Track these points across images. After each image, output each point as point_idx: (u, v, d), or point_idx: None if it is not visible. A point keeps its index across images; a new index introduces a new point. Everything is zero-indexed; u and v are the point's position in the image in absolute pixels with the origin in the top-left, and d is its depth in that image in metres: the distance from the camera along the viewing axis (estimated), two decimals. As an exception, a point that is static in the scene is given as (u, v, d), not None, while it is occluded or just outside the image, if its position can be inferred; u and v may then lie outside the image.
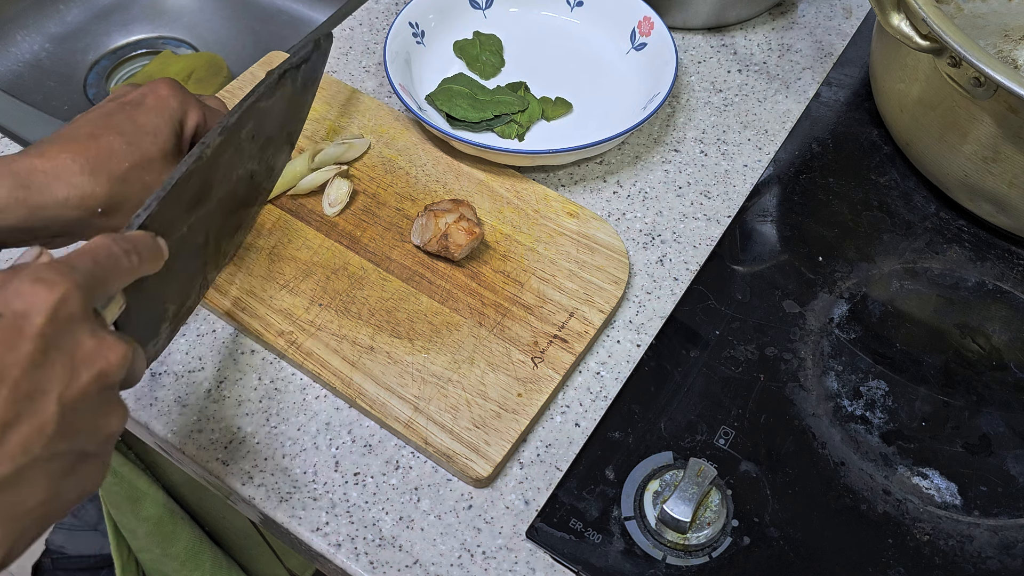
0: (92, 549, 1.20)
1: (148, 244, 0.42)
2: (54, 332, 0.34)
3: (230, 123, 0.52)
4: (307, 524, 0.51)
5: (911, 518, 0.52)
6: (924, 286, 0.62)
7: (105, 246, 0.39)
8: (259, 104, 0.55)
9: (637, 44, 0.72)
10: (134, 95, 0.51)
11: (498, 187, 0.64)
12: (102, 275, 0.38)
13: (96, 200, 0.47)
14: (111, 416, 0.37)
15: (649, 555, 0.50)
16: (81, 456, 0.36)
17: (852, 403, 0.56)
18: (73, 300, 0.35)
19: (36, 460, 0.33)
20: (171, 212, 0.47)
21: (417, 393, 0.54)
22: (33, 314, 0.34)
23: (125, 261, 0.40)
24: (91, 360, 0.35)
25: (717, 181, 0.68)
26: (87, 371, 0.35)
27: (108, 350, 0.36)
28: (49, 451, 0.34)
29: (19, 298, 0.34)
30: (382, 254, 0.60)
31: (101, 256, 0.38)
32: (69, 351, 0.35)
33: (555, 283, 0.59)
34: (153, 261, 0.42)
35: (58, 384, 0.34)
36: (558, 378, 0.55)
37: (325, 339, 0.56)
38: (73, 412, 0.35)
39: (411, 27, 0.71)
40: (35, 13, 0.97)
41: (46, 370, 0.34)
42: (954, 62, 0.58)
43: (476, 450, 0.52)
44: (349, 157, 0.65)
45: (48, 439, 0.34)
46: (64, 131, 0.49)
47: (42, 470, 0.34)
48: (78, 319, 0.35)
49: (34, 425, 0.33)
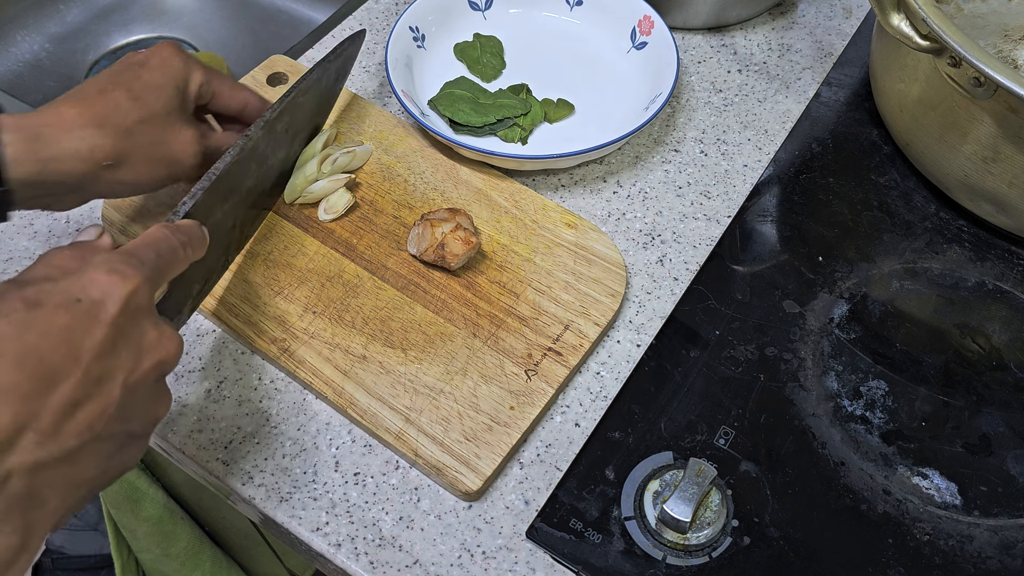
0: (92, 549, 1.20)
1: (197, 235, 0.45)
2: (125, 322, 0.37)
3: (272, 117, 0.56)
4: (307, 524, 0.51)
5: (911, 518, 0.52)
6: (924, 286, 0.62)
7: (165, 238, 0.42)
8: (298, 100, 0.57)
9: (638, 43, 0.72)
10: (139, 56, 0.54)
11: (496, 196, 0.64)
12: (164, 267, 0.41)
13: (103, 152, 0.50)
14: (161, 402, 0.40)
15: (649, 555, 0.50)
16: (130, 437, 0.39)
17: (852, 403, 0.56)
18: (142, 292, 0.38)
19: (97, 438, 0.36)
20: (212, 201, 0.50)
21: (409, 404, 0.54)
22: (108, 303, 0.37)
23: (182, 253, 0.43)
24: (153, 350, 0.38)
25: (717, 181, 0.68)
26: (149, 360, 0.38)
27: (168, 341, 0.39)
28: (108, 431, 0.37)
29: (95, 286, 0.37)
30: (378, 262, 0.60)
31: (164, 249, 0.42)
32: (136, 340, 0.38)
33: (551, 295, 0.59)
34: (200, 250, 0.45)
35: (124, 370, 0.37)
36: (551, 391, 0.54)
37: (318, 347, 0.56)
38: (132, 397, 0.38)
39: (411, 31, 0.71)
40: (35, 13, 0.97)
41: (115, 357, 0.37)
42: (954, 62, 0.58)
43: (466, 463, 0.51)
44: (355, 165, 0.65)
45: (109, 420, 0.36)
46: (73, 91, 0.51)
47: (99, 447, 0.37)
48: (144, 310, 0.38)
49: (100, 406, 0.36)
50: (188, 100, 0.55)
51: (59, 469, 0.35)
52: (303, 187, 0.62)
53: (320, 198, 0.62)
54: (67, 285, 0.36)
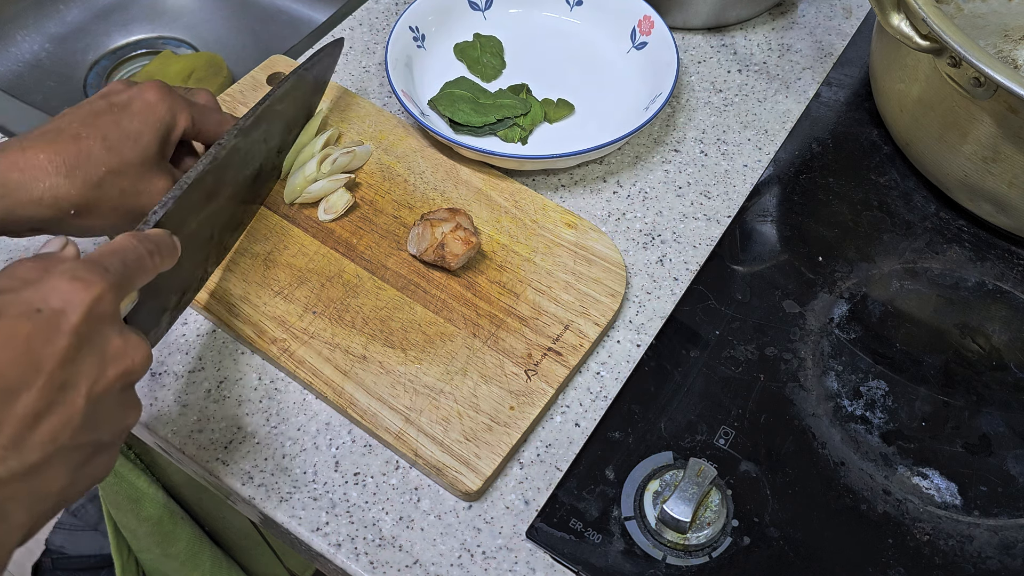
0: (92, 549, 1.20)
1: (167, 243, 0.44)
2: (88, 330, 0.36)
3: (246, 125, 0.54)
4: (307, 524, 0.51)
5: (911, 518, 0.52)
6: (924, 286, 0.62)
7: (132, 247, 0.41)
8: (274, 107, 0.56)
9: (638, 43, 0.72)
10: (123, 97, 0.52)
11: (496, 196, 0.64)
12: (130, 275, 0.40)
13: (69, 202, 0.48)
14: (129, 411, 0.39)
15: (649, 555, 0.50)
16: (98, 447, 0.38)
17: (852, 403, 0.56)
18: (106, 300, 0.37)
19: (61, 449, 0.35)
20: (184, 209, 0.49)
21: (408, 404, 0.54)
22: (70, 311, 0.36)
23: (149, 262, 0.42)
24: (118, 358, 0.37)
25: (717, 181, 0.68)
26: (114, 368, 0.37)
27: (133, 349, 0.38)
28: (74, 441, 0.36)
29: (57, 295, 0.36)
30: (378, 262, 0.60)
31: (130, 257, 0.40)
32: (100, 348, 0.37)
33: (551, 295, 0.59)
34: (170, 259, 0.44)
35: (88, 379, 0.36)
36: (551, 391, 0.54)
37: (318, 347, 0.56)
38: (98, 406, 0.37)
39: (411, 31, 0.71)
40: (35, 13, 0.97)
41: (78, 365, 0.36)
42: (954, 62, 0.58)
43: (466, 463, 0.51)
44: (355, 165, 0.65)
45: (74, 430, 0.36)
46: (49, 127, 0.49)
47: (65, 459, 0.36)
48: (109, 318, 0.37)
49: (63, 417, 0.35)
50: (168, 147, 0.53)
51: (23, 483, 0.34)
52: (303, 187, 0.62)
53: (320, 198, 0.62)
54: (28, 295, 0.35)
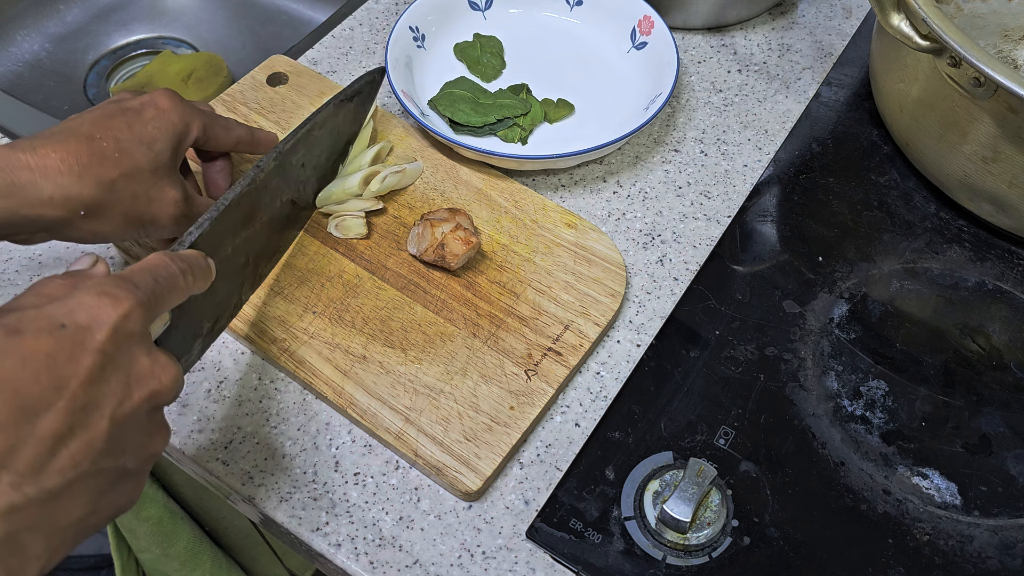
0: (92, 549, 1.20)
1: (201, 264, 0.42)
2: (114, 349, 0.34)
3: (285, 149, 0.53)
4: (307, 524, 0.51)
5: (911, 518, 0.52)
6: (924, 286, 0.62)
7: (164, 264, 0.39)
8: (313, 133, 0.56)
9: (638, 43, 0.72)
10: (135, 103, 0.51)
11: (496, 196, 0.64)
12: (161, 294, 0.38)
13: (80, 202, 0.47)
14: (156, 436, 0.37)
15: (649, 555, 0.50)
16: (122, 473, 0.35)
17: (852, 403, 0.56)
18: (134, 318, 0.35)
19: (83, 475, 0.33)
20: (220, 232, 0.48)
21: (408, 404, 0.54)
22: (96, 328, 0.34)
23: (182, 281, 0.40)
24: (145, 380, 0.35)
25: (717, 181, 0.68)
26: (140, 390, 0.35)
27: (162, 371, 0.36)
28: (96, 467, 0.33)
29: (83, 310, 0.34)
30: (378, 262, 0.60)
31: (161, 275, 0.38)
32: (126, 369, 0.35)
33: (551, 295, 0.59)
34: (204, 281, 0.42)
35: (112, 401, 0.34)
36: (551, 391, 0.54)
37: (318, 347, 0.56)
38: (122, 430, 0.34)
39: (411, 31, 0.71)
40: (35, 13, 0.97)
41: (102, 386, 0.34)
42: (954, 62, 0.58)
43: (466, 463, 0.51)
44: (404, 184, 0.63)
45: (96, 455, 0.33)
46: (60, 128, 0.48)
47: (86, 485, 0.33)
48: (137, 337, 0.35)
49: (85, 440, 0.33)
50: (179, 155, 0.52)
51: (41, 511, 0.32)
52: (338, 198, 0.61)
53: (342, 213, 0.61)
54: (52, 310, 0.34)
